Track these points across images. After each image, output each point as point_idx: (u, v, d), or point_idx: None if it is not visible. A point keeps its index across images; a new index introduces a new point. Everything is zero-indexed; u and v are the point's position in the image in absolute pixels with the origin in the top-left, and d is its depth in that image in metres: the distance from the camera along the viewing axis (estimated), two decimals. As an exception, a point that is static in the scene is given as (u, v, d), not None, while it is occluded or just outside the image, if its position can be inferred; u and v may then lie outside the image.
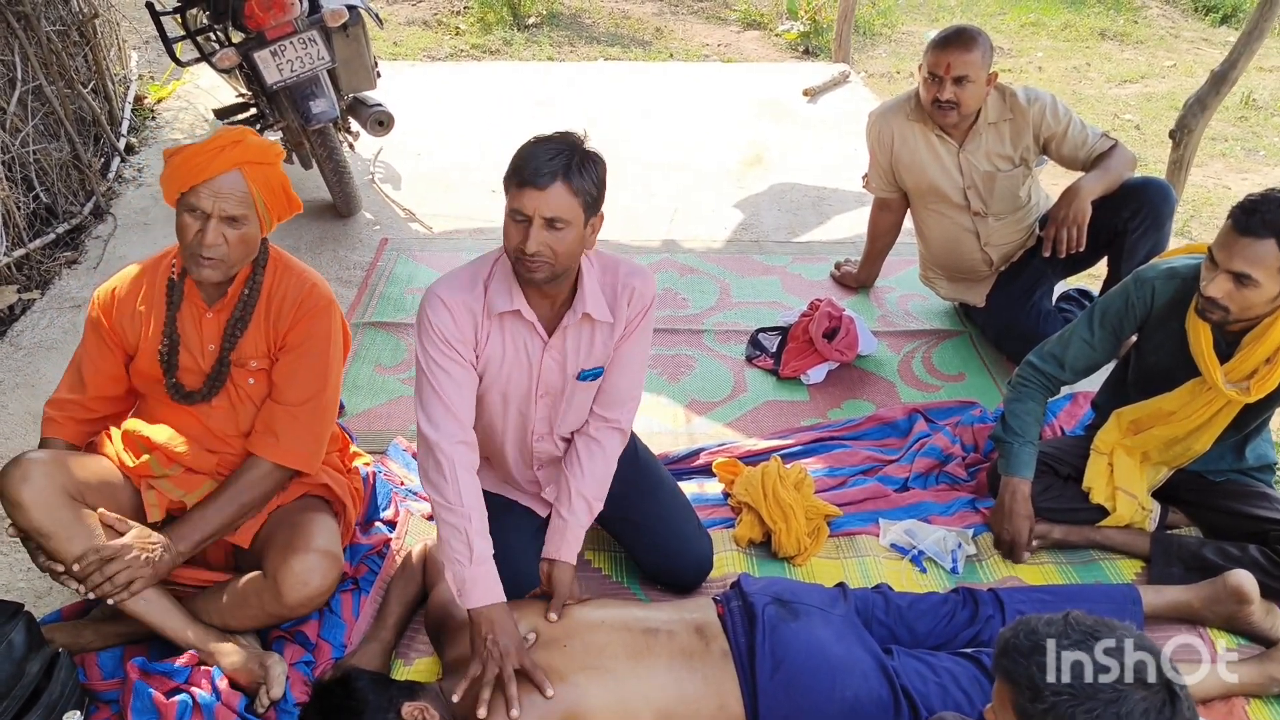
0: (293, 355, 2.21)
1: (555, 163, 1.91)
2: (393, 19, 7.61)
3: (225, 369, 2.22)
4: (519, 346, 2.13)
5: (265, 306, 2.22)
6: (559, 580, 2.20)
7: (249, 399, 2.25)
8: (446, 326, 2.06)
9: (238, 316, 2.20)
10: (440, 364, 2.07)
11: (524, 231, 1.94)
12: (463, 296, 2.08)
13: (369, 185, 4.62)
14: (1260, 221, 2.08)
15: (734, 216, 4.49)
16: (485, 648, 1.96)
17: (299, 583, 2.08)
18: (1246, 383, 2.29)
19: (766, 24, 8.03)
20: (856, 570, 2.53)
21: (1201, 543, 2.48)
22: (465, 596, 2.02)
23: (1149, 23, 8.71)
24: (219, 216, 2.05)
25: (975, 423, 3.01)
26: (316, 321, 2.21)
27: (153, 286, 2.25)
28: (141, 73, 5.71)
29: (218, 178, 2.04)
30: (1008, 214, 3.27)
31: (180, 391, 2.23)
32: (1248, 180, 5.56)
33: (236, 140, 2.08)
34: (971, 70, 3.00)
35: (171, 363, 2.22)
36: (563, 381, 2.20)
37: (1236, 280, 2.14)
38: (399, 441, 2.96)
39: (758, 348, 3.44)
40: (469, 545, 2.03)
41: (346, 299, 3.71)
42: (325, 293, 2.26)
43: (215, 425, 2.25)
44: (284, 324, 2.20)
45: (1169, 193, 3.04)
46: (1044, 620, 1.44)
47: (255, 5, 3.47)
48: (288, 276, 2.24)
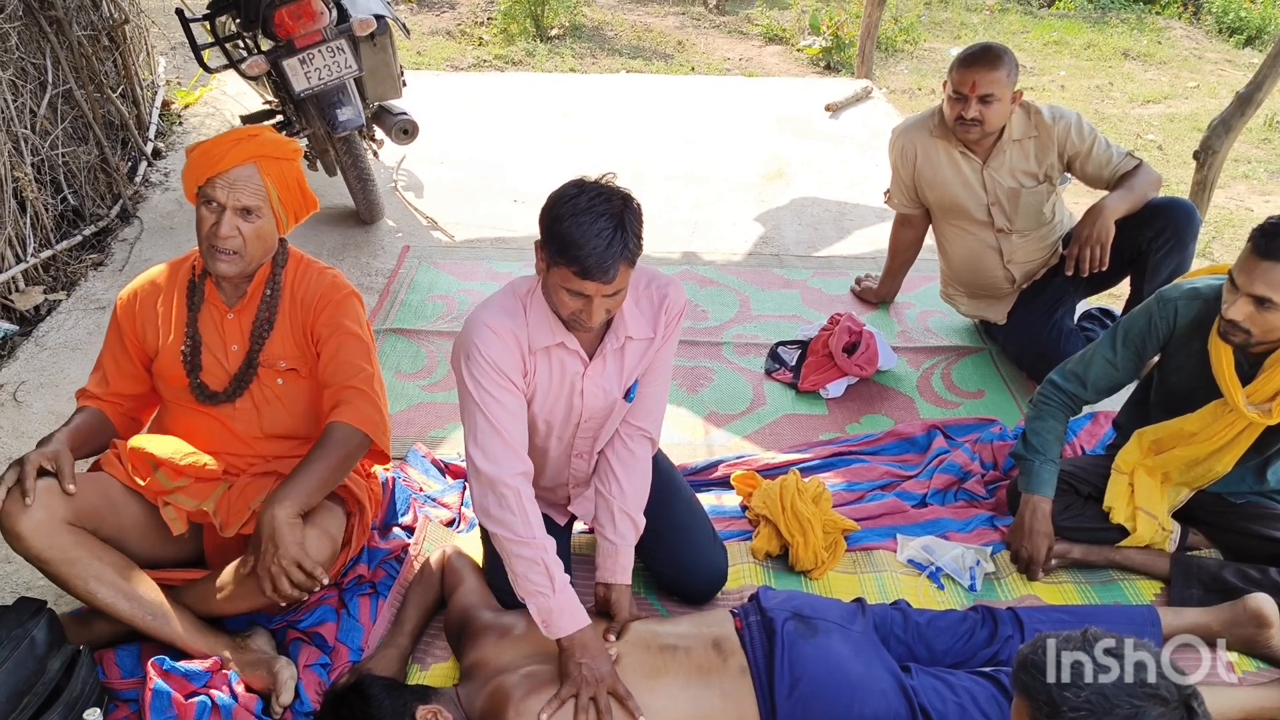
0: (331, 343, 2.23)
1: (614, 249, 1.85)
2: (417, 29, 7.68)
3: (253, 370, 2.24)
4: (562, 374, 2.12)
5: (290, 304, 2.25)
6: (618, 603, 2.19)
7: (276, 399, 2.27)
8: (497, 355, 2.01)
9: (263, 317, 2.23)
10: (493, 394, 2.02)
11: (584, 305, 1.93)
12: (509, 324, 2.04)
13: (392, 193, 4.66)
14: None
15: (754, 230, 4.50)
16: (580, 674, 1.95)
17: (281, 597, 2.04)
18: (1268, 405, 2.28)
19: (788, 39, 8.06)
20: (874, 585, 2.53)
21: (1221, 565, 2.47)
22: (553, 627, 2.00)
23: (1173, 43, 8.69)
24: (233, 208, 2.09)
25: (995, 440, 3.00)
26: (342, 307, 2.26)
27: (173, 288, 2.28)
28: (169, 78, 5.78)
29: (233, 170, 2.08)
30: (1031, 231, 3.26)
31: (205, 392, 2.24)
32: (1271, 202, 5.54)
33: (253, 135, 2.12)
34: (997, 89, 3.00)
35: (195, 363, 2.24)
36: (607, 404, 2.19)
37: (1257, 303, 2.13)
38: (418, 448, 2.97)
39: (777, 361, 3.44)
40: (549, 575, 2.00)
41: (368, 305, 3.69)
42: (346, 283, 2.31)
43: (238, 427, 2.27)
44: (310, 316, 2.24)
45: (1193, 213, 3.03)
46: (1063, 636, 1.44)
47: (285, 14, 3.52)
48: (308, 273, 2.29)
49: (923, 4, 9.24)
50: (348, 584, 2.39)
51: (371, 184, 4.14)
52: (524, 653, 2.08)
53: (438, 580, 2.42)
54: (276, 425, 2.29)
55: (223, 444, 2.27)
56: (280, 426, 2.30)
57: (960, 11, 9.23)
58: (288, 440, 2.31)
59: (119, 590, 2.06)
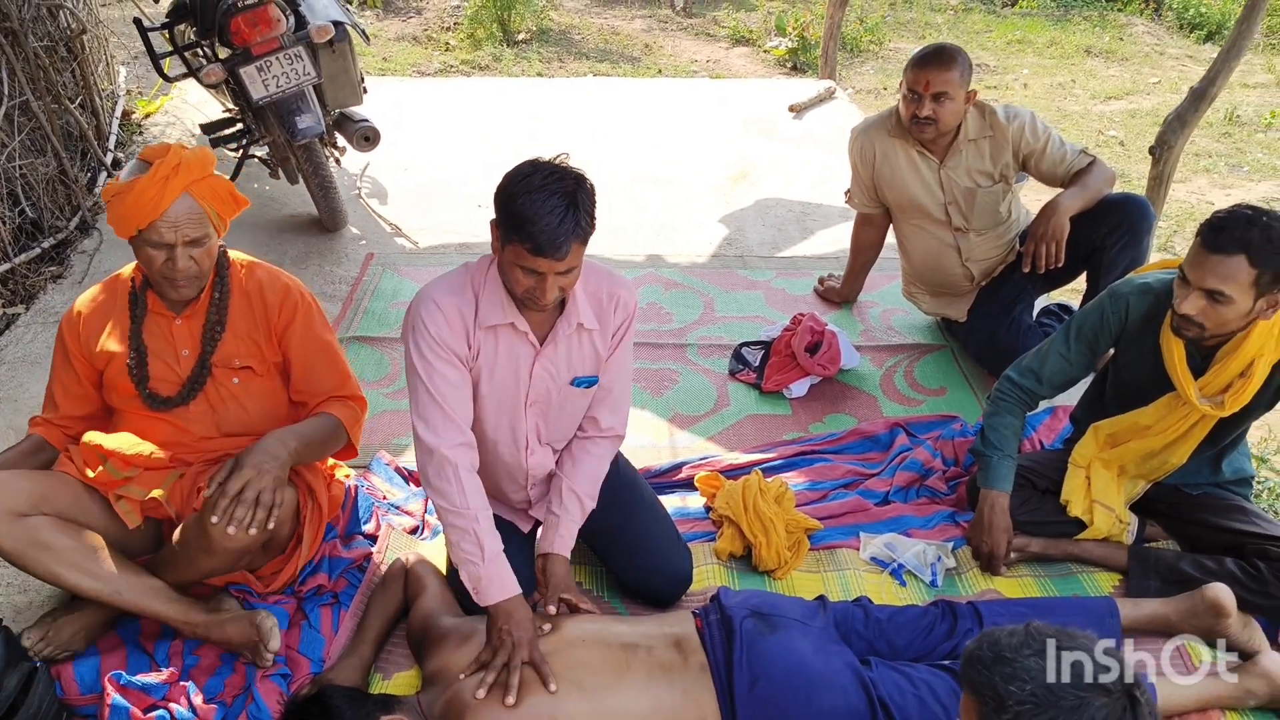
0: (306, 357, 2.30)
1: (566, 225, 1.89)
2: (383, 34, 7.65)
3: (206, 372, 2.26)
4: (511, 355, 2.15)
5: (242, 301, 2.28)
6: (553, 573, 2.22)
7: (232, 398, 2.29)
8: (441, 328, 2.06)
9: (214, 320, 2.25)
10: (436, 366, 2.07)
11: (537, 282, 1.96)
12: (455, 300, 2.08)
13: (355, 200, 4.64)
14: (1229, 238, 2.09)
15: (719, 231, 4.51)
16: (500, 639, 2.00)
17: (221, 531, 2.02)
18: (1221, 397, 2.31)
19: (755, 40, 8.09)
20: (837, 583, 2.54)
21: (1179, 556, 2.50)
22: (482, 594, 2.06)
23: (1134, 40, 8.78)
24: (183, 243, 2.10)
25: (956, 436, 3.03)
26: (308, 315, 2.31)
27: (114, 302, 2.29)
28: (129, 88, 5.73)
29: (171, 208, 2.06)
30: (988, 229, 3.30)
31: (156, 399, 2.26)
32: (1231, 195, 5.61)
33: (175, 165, 2.07)
34: (950, 88, 3.03)
35: (142, 374, 2.25)
36: (554, 389, 2.21)
37: (1209, 297, 2.15)
38: (382, 455, 2.96)
39: (741, 362, 3.46)
40: (479, 544, 2.06)
41: (331, 313, 3.71)
42: (300, 286, 2.35)
43: (193, 428, 2.28)
44: (271, 316, 2.28)
45: (1147, 209, 3.06)
46: (1006, 632, 1.46)
47: (241, 21, 3.49)
48: (253, 271, 2.32)
49: (887, 5, 9.31)
50: (308, 594, 2.37)
51: (333, 191, 4.12)
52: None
53: (400, 588, 2.41)
54: (233, 424, 2.31)
55: (177, 447, 2.27)
56: (237, 424, 2.31)
57: (924, 12, 9.29)
58: (245, 436, 2.30)
59: (83, 570, 2.08)
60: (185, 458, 2.27)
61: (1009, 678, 1.38)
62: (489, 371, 2.14)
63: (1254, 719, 2.19)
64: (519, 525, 2.43)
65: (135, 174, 2.07)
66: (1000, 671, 1.39)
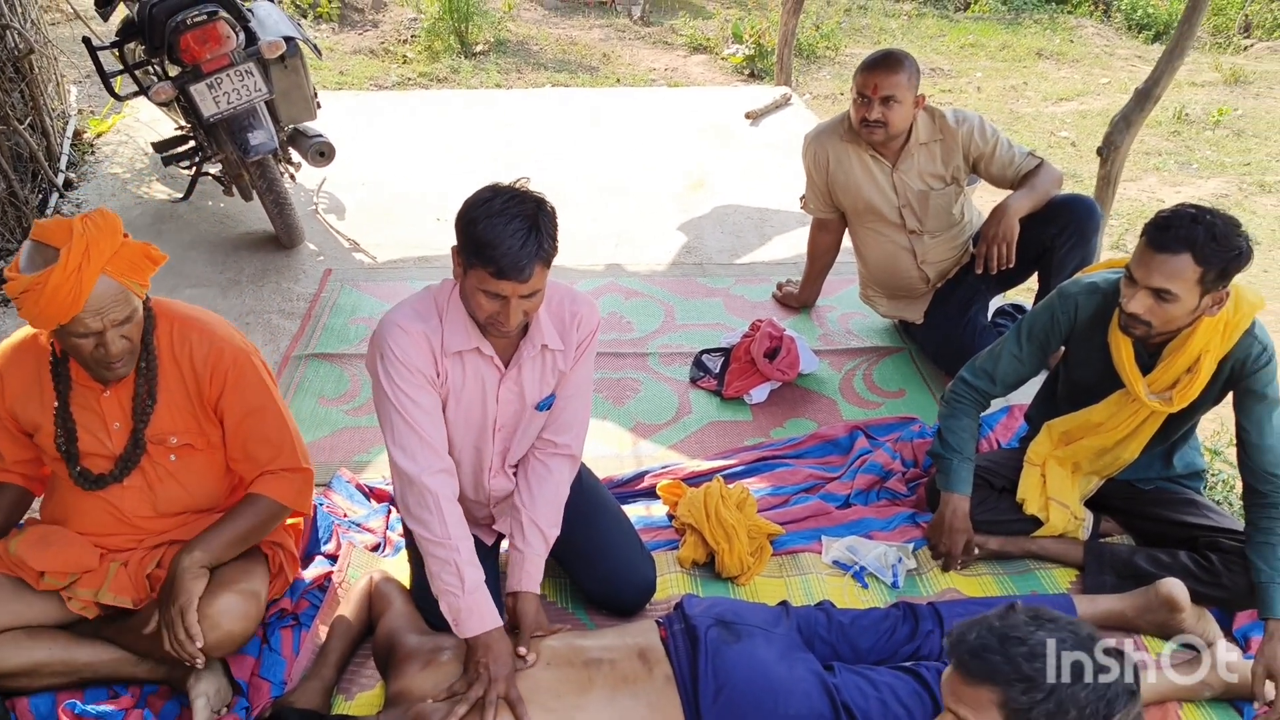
0: (242, 428, 2.14)
1: (529, 248, 1.87)
2: (339, 48, 7.61)
3: (140, 448, 2.10)
4: (476, 380, 2.13)
5: (174, 370, 2.09)
6: (524, 613, 2.19)
7: (170, 476, 2.14)
8: (410, 353, 2.04)
9: (143, 391, 2.07)
10: (408, 393, 2.04)
11: (501, 307, 1.95)
12: (420, 326, 2.06)
13: (312, 216, 4.60)
14: (1174, 237, 2.12)
15: (678, 239, 4.53)
16: (477, 672, 1.98)
17: (211, 625, 2.01)
18: (1169, 393, 2.34)
19: (713, 48, 8.13)
20: (800, 588, 2.55)
21: (1133, 551, 2.53)
22: (462, 626, 2.03)
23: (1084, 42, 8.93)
24: (111, 327, 1.92)
25: (915, 438, 3.05)
26: (241, 379, 2.11)
27: (36, 367, 2.08)
28: (81, 107, 5.66)
29: (91, 296, 1.87)
30: (942, 231, 3.33)
31: (88, 478, 2.10)
32: (1181, 193, 5.71)
33: (84, 251, 1.85)
34: (898, 91, 3.06)
35: (72, 452, 2.08)
36: (520, 412, 2.20)
37: (1156, 296, 2.17)
38: (342, 473, 2.94)
39: (701, 369, 3.47)
40: (460, 576, 2.03)
41: (289, 331, 3.69)
42: (233, 341, 2.13)
43: (128, 506, 2.13)
44: (205, 388, 2.10)
45: (1094, 209, 3.12)
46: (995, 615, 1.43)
47: (190, 39, 3.46)
48: (185, 333, 2.10)
49: (842, 11, 9.39)
50: (269, 618, 2.35)
51: (289, 208, 4.09)
52: (446, 679, 2.07)
53: (364, 607, 2.39)
54: (171, 503, 2.17)
55: (111, 527, 2.14)
56: (176, 504, 2.18)
57: (879, 17, 9.39)
58: (183, 515, 2.21)
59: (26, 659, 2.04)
60: (121, 545, 2.15)
61: (1030, 655, 1.33)
62: (455, 397, 2.13)
63: (1210, 710, 2.23)
64: (483, 539, 2.42)
65: (32, 258, 1.86)
66: (1018, 652, 1.34)
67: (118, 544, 2.15)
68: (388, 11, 8.37)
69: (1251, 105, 7.31)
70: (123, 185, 4.86)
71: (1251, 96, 7.55)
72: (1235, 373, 2.30)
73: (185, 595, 1.97)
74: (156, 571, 2.14)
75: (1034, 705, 1.32)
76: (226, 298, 3.91)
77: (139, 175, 4.98)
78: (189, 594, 1.98)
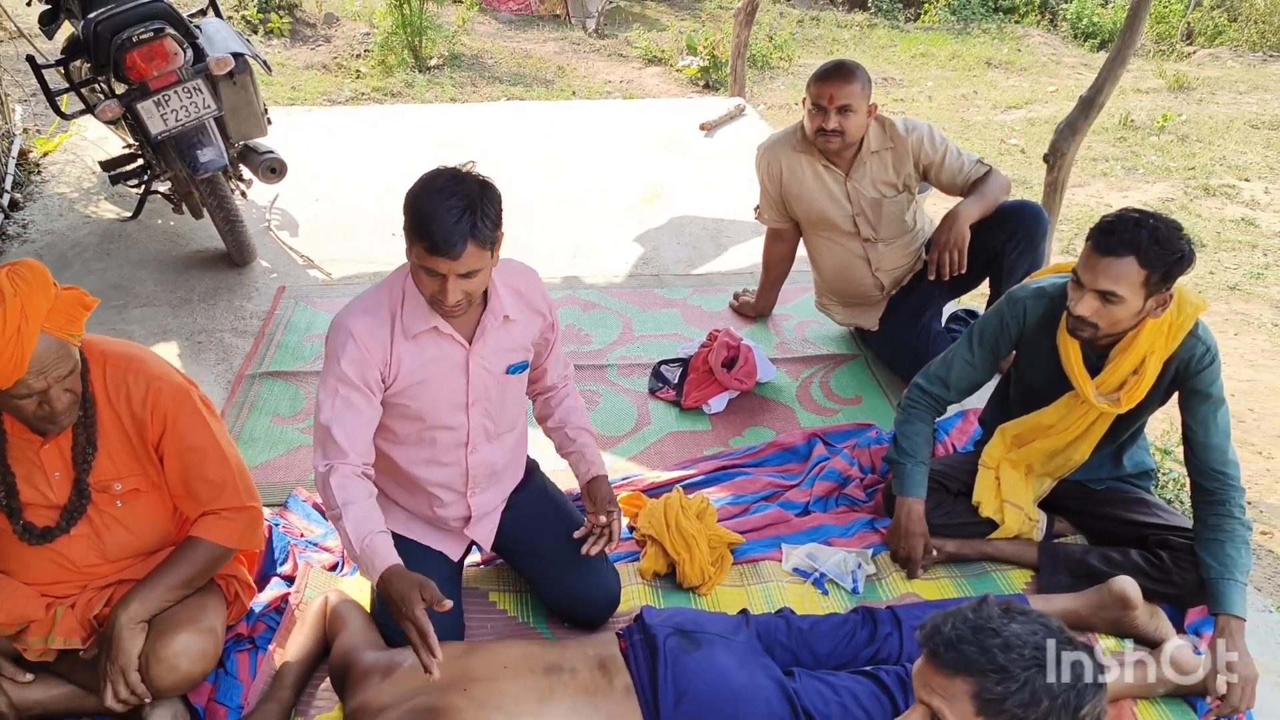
0: (179, 468, 2.08)
1: (462, 226, 1.91)
2: (291, 63, 7.55)
3: (85, 498, 2.03)
4: (442, 360, 2.16)
5: (111, 416, 2.02)
6: (599, 491, 2.44)
7: (117, 523, 2.08)
8: (352, 356, 2.07)
9: (82, 440, 2.00)
10: (341, 394, 2.09)
11: (440, 285, 1.98)
12: (369, 321, 2.10)
13: (265, 233, 4.56)
14: (1119, 240, 2.16)
15: (635, 251, 4.54)
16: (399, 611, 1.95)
17: (167, 666, 1.98)
18: (1117, 394, 2.38)
19: (667, 60, 8.18)
20: (760, 596, 2.56)
21: (1086, 550, 2.57)
22: (371, 578, 2.02)
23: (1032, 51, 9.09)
24: (54, 383, 1.87)
25: (872, 444, 3.08)
26: (184, 416, 2.05)
27: None
28: (27, 126, 5.57)
29: (30, 359, 1.81)
30: (895, 239, 3.37)
31: (33, 533, 2.03)
32: (1128, 197, 5.83)
33: (19, 311, 1.79)
34: (853, 100, 3.10)
35: (13, 507, 2.01)
36: (491, 383, 2.24)
37: (1102, 298, 2.21)
38: (299, 492, 2.90)
39: (660, 380, 3.48)
40: (349, 536, 2.04)
41: (242, 349, 3.65)
42: (171, 379, 2.07)
43: (75, 555, 2.07)
44: (148, 433, 2.04)
45: (1041, 215, 3.17)
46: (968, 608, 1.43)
47: (137, 56, 3.42)
48: (119, 374, 2.01)
49: (795, 22, 9.49)
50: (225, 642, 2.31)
51: (240, 225, 4.05)
52: (406, 690, 2.04)
53: (320, 627, 2.36)
54: (120, 549, 2.11)
55: (58, 575, 2.08)
56: (124, 550, 2.12)
57: (831, 28, 9.50)
58: (132, 559, 2.15)
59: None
60: (68, 592, 2.09)
61: (1005, 646, 1.34)
62: (419, 381, 2.15)
63: (1164, 706, 2.26)
64: (449, 554, 2.41)
65: None
66: (991, 642, 1.35)
67: (65, 591, 2.10)
68: (340, 26, 8.33)
69: (1195, 110, 7.48)
70: (70, 205, 4.79)
71: (1195, 102, 7.73)
72: (1180, 373, 2.34)
73: (124, 656, 1.95)
74: (104, 611, 2.09)
75: (1008, 695, 1.33)
76: (177, 317, 3.85)
77: (87, 194, 4.90)
78: (127, 655, 1.95)
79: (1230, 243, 5.24)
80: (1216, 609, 2.29)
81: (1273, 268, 4.97)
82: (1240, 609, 2.26)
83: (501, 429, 2.34)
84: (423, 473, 2.30)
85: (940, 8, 10.06)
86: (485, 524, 2.43)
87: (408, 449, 2.27)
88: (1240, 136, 6.94)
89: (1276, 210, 5.75)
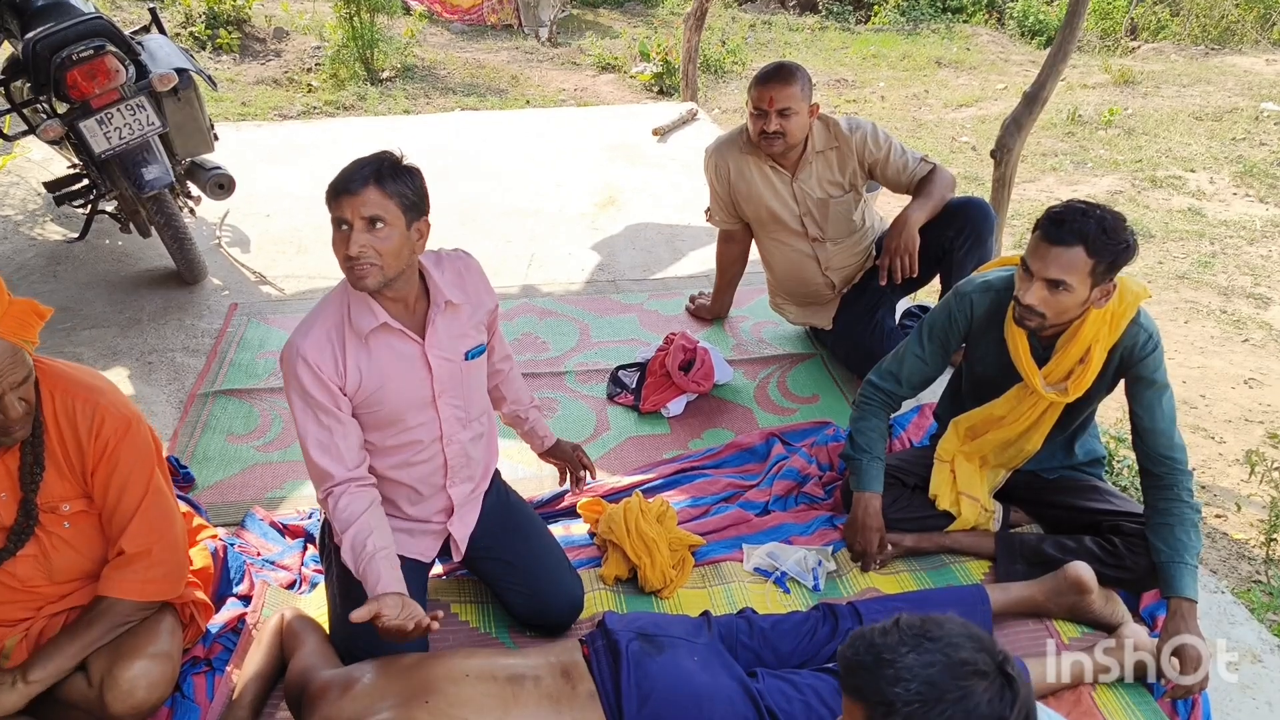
0: (112, 496, 2.03)
1: (366, 170, 2.00)
2: (240, 79, 7.48)
3: (33, 519, 2.00)
4: (399, 359, 2.16)
5: (58, 439, 1.99)
6: (564, 452, 2.69)
7: (65, 544, 2.05)
8: (309, 378, 2.08)
9: (29, 460, 1.97)
10: (312, 413, 2.11)
11: (346, 238, 2.00)
12: (316, 337, 2.10)
13: (215, 250, 4.51)
14: (1068, 230, 2.20)
15: (591, 258, 4.54)
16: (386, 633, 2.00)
17: (123, 693, 1.96)
18: (1064, 384, 2.42)
19: (621, 67, 8.20)
20: (723, 597, 2.56)
21: (1041, 538, 2.60)
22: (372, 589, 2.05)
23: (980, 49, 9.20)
24: (9, 392, 1.84)
25: (830, 442, 3.10)
26: (123, 449, 2.02)
27: None
28: (-31, 149, 5.46)
29: None
30: (844, 238, 3.40)
31: None
32: (1078, 190, 5.92)
33: None
34: (793, 103, 3.12)
35: None
36: (454, 370, 2.25)
37: (1051, 287, 2.24)
38: (256, 511, 2.86)
39: (618, 385, 3.48)
40: (346, 560, 2.09)
41: (194, 368, 3.60)
42: (116, 409, 2.03)
43: (22, 573, 2.04)
44: (88, 461, 2.01)
45: (988, 211, 3.21)
46: (879, 630, 1.45)
47: (78, 74, 3.38)
48: (67, 397, 1.99)
49: (748, 27, 9.54)
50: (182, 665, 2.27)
51: (189, 243, 4.00)
52: (365, 705, 2.02)
53: (276, 645, 2.33)
54: (67, 570, 2.08)
55: (5, 595, 2.03)
56: (71, 571, 2.09)
57: (783, 32, 9.57)
58: (77, 581, 2.12)
59: None
60: (18, 615, 2.06)
61: (893, 680, 1.36)
62: (380, 382, 2.14)
63: (1122, 690, 2.29)
64: (422, 557, 2.39)
65: None
66: (883, 675, 1.37)
67: (13, 614, 2.06)
68: (290, 41, 8.26)
69: (1140, 104, 7.61)
70: (15, 227, 4.71)
71: (1140, 96, 7.86)
72: (1125, 361, 2.38)
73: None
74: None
75: None
76: (127, 337, 3.80)
77: (32, 216, 4.82)
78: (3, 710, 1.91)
79: (1178, 232, 5.33)
80: (1168, 592, 2.33)
81: (1219, 256, 5.06)
82: (1192, 591, 2.30)
83: (473, 414, 2.35)
84: (403, 475, 2.29)
85: (890, 9, 10.17)
86: (465, 517, 2.41)
87: (386, 455, 2.25)
88: (1185, 129, 7.07)
89: (1222, 200, 5.86)
